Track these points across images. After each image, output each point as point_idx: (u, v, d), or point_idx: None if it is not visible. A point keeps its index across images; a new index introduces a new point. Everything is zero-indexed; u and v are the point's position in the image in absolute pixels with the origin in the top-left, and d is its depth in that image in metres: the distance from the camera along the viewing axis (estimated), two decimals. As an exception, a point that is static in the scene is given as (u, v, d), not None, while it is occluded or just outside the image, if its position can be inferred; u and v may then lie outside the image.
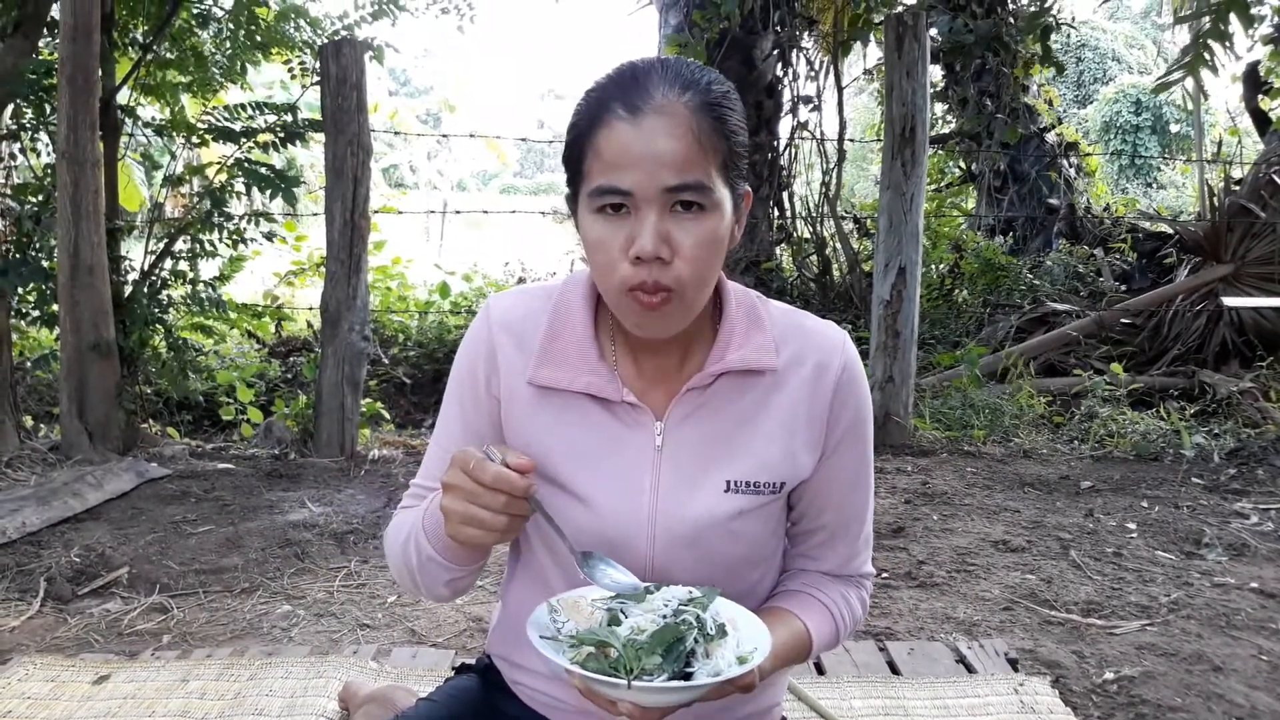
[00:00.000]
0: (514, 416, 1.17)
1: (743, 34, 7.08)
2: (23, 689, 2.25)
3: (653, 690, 0.94)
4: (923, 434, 4.79)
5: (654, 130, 1.00)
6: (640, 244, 1.01)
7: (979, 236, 8.19)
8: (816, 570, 1.26)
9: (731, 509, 1.14)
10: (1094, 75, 20.70)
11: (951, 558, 3.22)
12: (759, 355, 1.14)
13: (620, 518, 1.14)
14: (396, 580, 1.22)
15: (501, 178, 35.83)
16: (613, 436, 1.15)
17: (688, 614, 1.03)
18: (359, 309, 4.45)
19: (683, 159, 1.00)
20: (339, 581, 3.01)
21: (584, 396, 1.15)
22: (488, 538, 1.01)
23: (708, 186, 1.02)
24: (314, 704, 2.17)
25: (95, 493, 3.70)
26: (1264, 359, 5.64)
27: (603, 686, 0.94)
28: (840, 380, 1.17)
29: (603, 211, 1.04)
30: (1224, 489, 4.01)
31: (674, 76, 1.03)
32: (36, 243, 4.43)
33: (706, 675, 0.97)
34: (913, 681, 2.32)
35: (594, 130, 1.03)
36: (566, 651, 1.00)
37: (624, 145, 1.00)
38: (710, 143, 1.02)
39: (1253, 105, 7.29)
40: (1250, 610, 2.77)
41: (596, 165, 1.03)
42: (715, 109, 1.03)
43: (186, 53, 5.09)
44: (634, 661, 0.96)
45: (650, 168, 1.00)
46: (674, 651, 0.98)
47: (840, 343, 1.19)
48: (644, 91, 1.01)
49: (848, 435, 1.19)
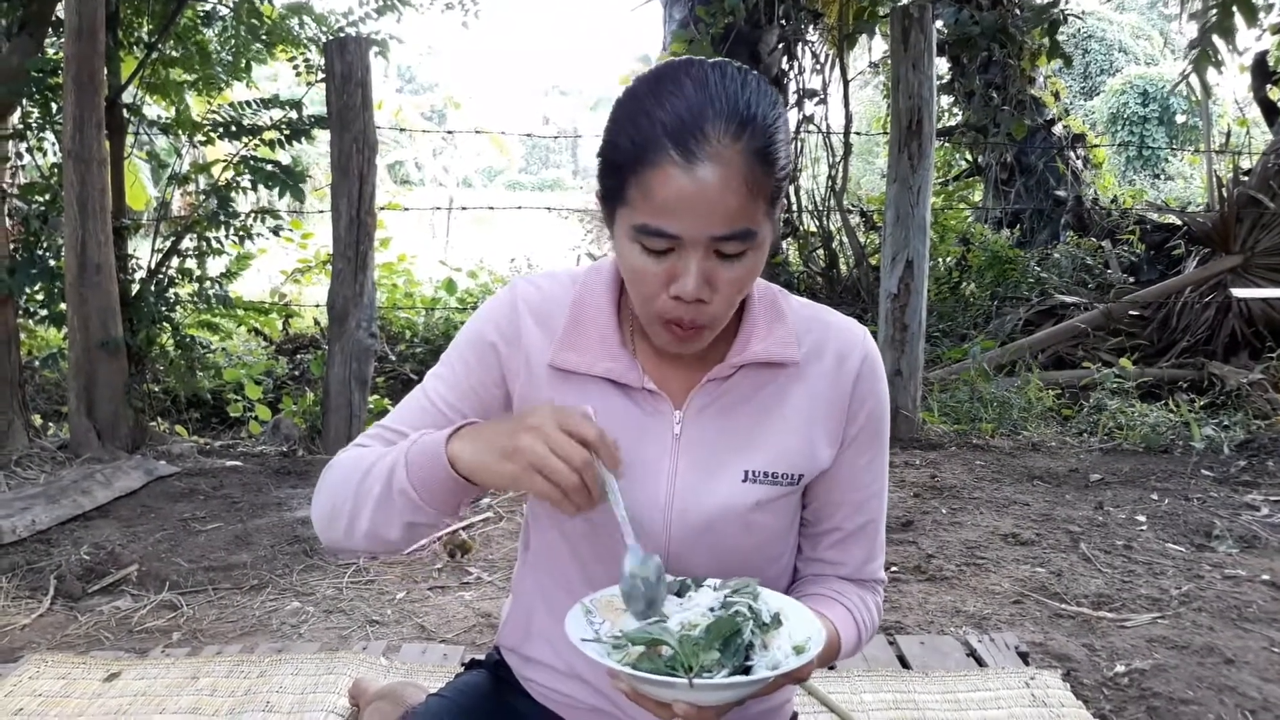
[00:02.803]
0: (533, 397, 1.15)
1: (748, 28, 7.06)
2: (34, 686, 2.26)
3: (716, 687, 0.89)
4: (931, 427, 4.78)
5: (708, 181, 0.96)
6: (683, 286, 1.00)
7: (986, 229, 8.16)
8: (834, 575, 1.25)
9: (750, 499, 1.14)
10: (1101, 66, 20.59)
11: (961, 551, 3.21)
12: (781, 348, 1.14)
13: (637, 504, 1.12)
14: (318, 514, 1.15)
15: (507, 174, 35.84)
16: (632, 423, 1.14)
17: (739, 604, 0.98)
18: (366, 306, 4.45)
19: (735, 211, 0.98)
20: (348, 578, 3.01)
21: (604, 382, 1.14)
22: (551, 493, 0.95)
23: (755, 232, 1.01)
24: (324, 700, 2.18)
25: (104, 491, 3.71)
26: (1273, 350, 5.60)
27: (657, 688, 0.89)
28: (860, 372, 1.17)
29: (647, 250, 1.02)
30: (1234, 481, 3.99)
31: (730, 114, 0.97)
32: (44, 242, 4.44)
33: (765, 668, 0.93)
34: (923, 675, 2.32)
35: (643, 167, 0.98)
36: (612, 653, 0.94)
37: (676, 193, 0.97)
38: (761, 187, 0.99)
39: (1261, 95, 7.24)
40: (1262, 603, 2.76)
41: (643, 203, 0.99)
42: (768, 150, 0.99)
43: (191, 51, 5.09)
44: (691, 659, 0.91)
45: (700, 217, 0.98)
46: (732, 645, 0.93)
47: (861, 337, 1.19)
48: (699, 135, 0.96)
49: (865, 429, 1.18)
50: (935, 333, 6.55)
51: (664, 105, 0.98)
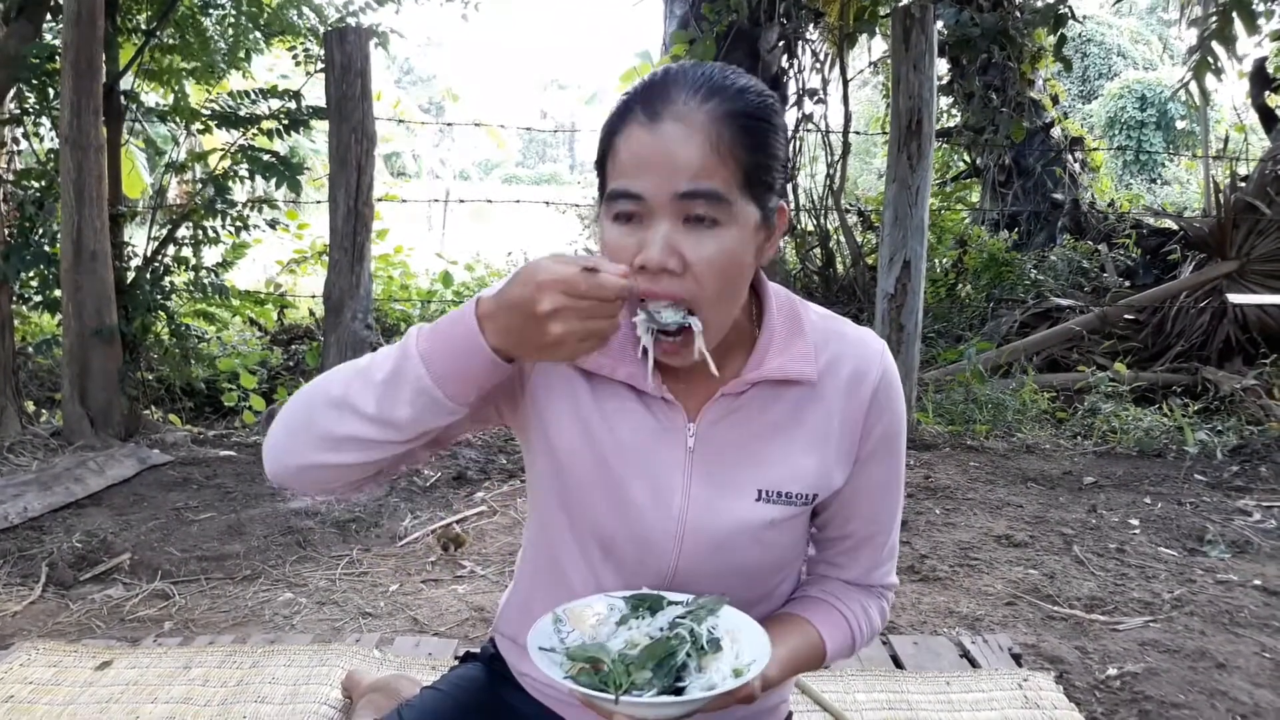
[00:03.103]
0: (550, 391, 1.14)
1: (749, 26, 7.05)
2: (25, 674, 2.25)
3: (640, 705, 0.94)
4: (925, 428, 4.79)
5: (669, 135, 0.98)
6: (647, 252, 0.99)
7: (983, 231, 8.17)
8: (838, 578, 1.25)
9: (763, 518, 1.12)
10: (1099, 70, 20.62)
11: (954, 552, 3.21)
12: (798, 364, 1.12)
13: (650, 517, 1.12)
14: (275, 438, 1.07)
15: (504, 167, 35.81)
16: (647, 431, 1.13)
17: (682, 628, 1.03)
18: (362, 297, 4.44)
19: (697, 165, 0.98)
20: (341, 569, 3.00)
21: (623, 386, 1.12)
22: (599, 345, 0.97)
23: (724, 198, 0.99)
24: (317, 692, 2.17)
25: (97, 478, 3.70)
26: (1268, 356, 5.62)
27: (595, 700, 0.95)
28: (877, 390, 1.15)
29: (618, 218, 1.02)
30: (1227, 486, 4.00)
31: (702, 83, 1.00)
32: (39, 228, 4.42)
33: (700, 689, 0.97)
34: (917, 676, 2.32)
35: (615, 135, 1.02)
36: (563, 664, 1.00)
37: (638, 149, 0.99)
38: (731, 153, 0.99)
39: (1259, 102, 7.26)
40: (1253, 607, 2.77)
41: (614, 169, 1.02)
42: (741, 119, 0.99)
43: (190, 39, 5.07)
44: (623, 677, 0.97)
45: (663, 172, 0.98)
46: (665, 666, 0.99)
47: (879, 352, 1.16)
48: (666, 97, 1.00)
49: (880, 446, 1.17)
50: (931, 334, 6.55)
51: (641, 89, 1.04)
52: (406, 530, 3.32)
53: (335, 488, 1.08)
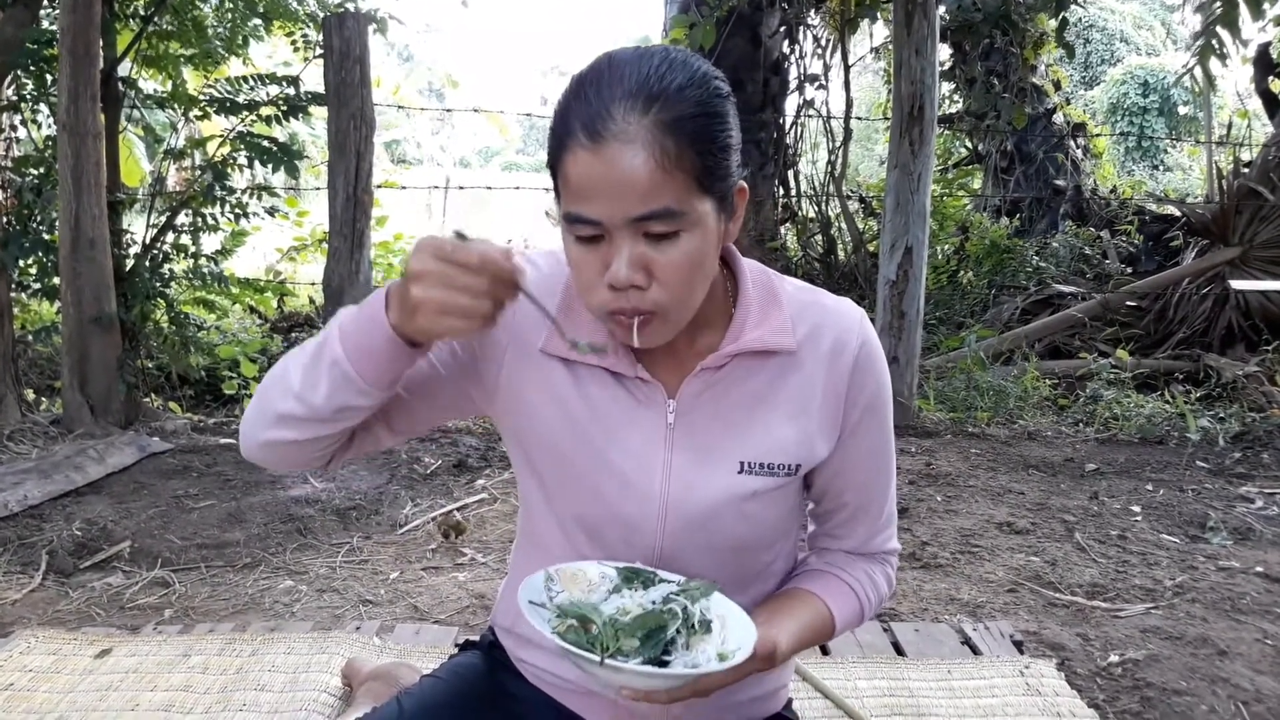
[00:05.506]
0: (524, 379, 1.13)
1: (749, 10, 7.01)
2: (24, 662, 2.25)
3: (625, 671, 0.93)
4: (927, 415, 4.78)
5: (613, 159, 0.94)
6: (614, 272, 0.98)
7: (985, 217, 8.15)
8: (839, 549, 1.25)
9: (745, 490, 1.12)
10: (1101, 56, 20.51)
11: (955, 539, 3.21)
12: (776, 336, 1.11)
13: (632, 495, 1.12)
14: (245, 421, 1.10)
15: (504, 154, 35.68)
16: (626, 411, 1.12)
17: (675, 604, 1.02)
18: (361, 285, 4.42)
19: (646, 188, 0.94)
20: (341, 557, 3.00)
21: (598, 369, 1.12)
22: (470, 326, 0.95)
23: (677, 210, 0.96)
24: (317, 679, 2.17)
25: (97, 466, 3.69)
26: (1270, 343, 5.60)
27: (575, 659, 0.94)
28: (858, 358, 1.14)
29: (580, 240, 1.00)
30: (1229, 473, 3.99)
31: (637, 90, 0.95)
32: (37, 215, 4.40)
33: (683, 666, 0.97)
34: (918, 663, 2.32)
35: (562, 153, 0.98)
36: (552, 620, 1.00)
37: (586, 175, 0.95)
38: (679, 164, 0.95)
39: (1263, 88, 7.21)
40: (1255, 594, 2.76)
41: (566, 192, 0.99)
42: (685, 124, 0.95)
43: (188, 25, 5.04)
44: (611, 641, 0.97)
45: (614, 198, 0.95)
46: (654, 638, 0.99)
47: (858, 320, 1.16)
48: (604, 114, 0.94)
49: (866, 414, 1.16)
50: (932, 320, 6.54)
51: (579, 94, 0.98)
52: (407, 518, 3.32)
53: (299, 463, 1.11)
